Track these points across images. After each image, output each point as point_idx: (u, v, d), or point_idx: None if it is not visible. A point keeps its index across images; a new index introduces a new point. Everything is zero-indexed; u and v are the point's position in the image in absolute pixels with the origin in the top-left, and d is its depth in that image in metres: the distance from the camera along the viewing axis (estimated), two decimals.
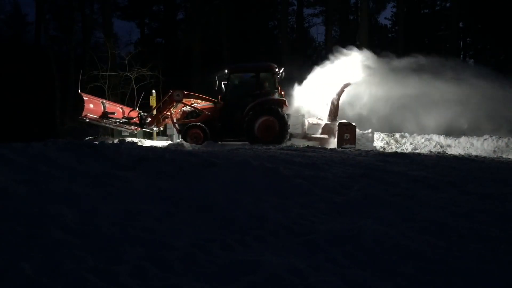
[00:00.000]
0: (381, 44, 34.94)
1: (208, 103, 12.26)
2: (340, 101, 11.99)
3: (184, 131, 11.65)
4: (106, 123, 12.05)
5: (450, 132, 13.11)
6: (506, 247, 3.15)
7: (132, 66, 16.62)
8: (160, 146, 9.72)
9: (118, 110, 12.39)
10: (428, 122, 12.90)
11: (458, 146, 12.57)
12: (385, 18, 57.51)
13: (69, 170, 4.58)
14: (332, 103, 11.95)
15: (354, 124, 11.50)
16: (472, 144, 12.46)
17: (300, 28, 31.72)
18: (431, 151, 10.54)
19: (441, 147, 12.73)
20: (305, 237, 3.21)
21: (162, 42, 31.82)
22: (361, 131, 12.28)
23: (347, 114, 12.40)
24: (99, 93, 17.37)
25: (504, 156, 10.29)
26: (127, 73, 16.66)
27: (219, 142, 11.36)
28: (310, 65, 15.05)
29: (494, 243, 3.23)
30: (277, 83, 11.80)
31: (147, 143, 10.76)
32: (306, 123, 12.25)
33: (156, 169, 4.90)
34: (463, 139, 12.83)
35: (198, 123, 11.67)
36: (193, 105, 12.22)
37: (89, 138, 12.55)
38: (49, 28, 26.73)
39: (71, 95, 22.39)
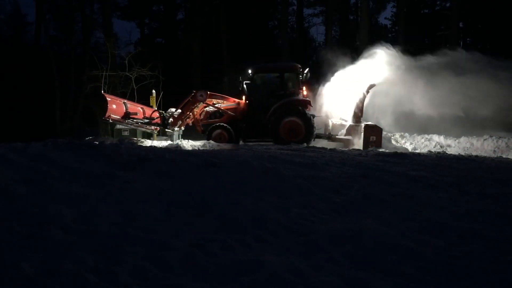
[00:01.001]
0: (381, 44, 34.96)
1: (232, 103, 12.14)
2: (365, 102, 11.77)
3: (208, 131, 11.54)
4: (128, 124, 11.93)
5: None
6: (506, 247, 3.15)
7: (132, 66, 16.61)
8: (161, 145, 9.72)
9: (139, 110, 12.26)
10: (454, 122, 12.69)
11: (458, 146, 12.54)
12: (385, 18, 57.42)
13: (69, 170, 4.58)
14: (357, 104, 11.74)
15: (379, 126, 11.28)
16: (472, 144, 12.43)
17: (300, 28, 31.73)
18: (431, 151, 10.51)
19: (441, 147, 12.70)
20: (305, 237, 3.21)
21: (162, 42, 31.82)
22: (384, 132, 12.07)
23: (371, 115, 12.22)
24: (99, 93, 17.38)
25: (504, 156, 10.28)
26: (127, 73, 16.64)
27: (242, 142, 11.33)
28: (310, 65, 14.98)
29: (494, 243, 3.23)
30: (301, 84, 11.71)
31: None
32: (330, 124, 12.16)
33: (156, 169, 4.90)
34: (463, 139, 12.79)
35: (222, 124, 11.57)
36: (216, 105, 12.08)
37: (89, 138, 12.50)
38: (49, 28, 26.69)
39: (71, 95, 22.39)
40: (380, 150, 9.66)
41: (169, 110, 12.24)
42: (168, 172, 4.80)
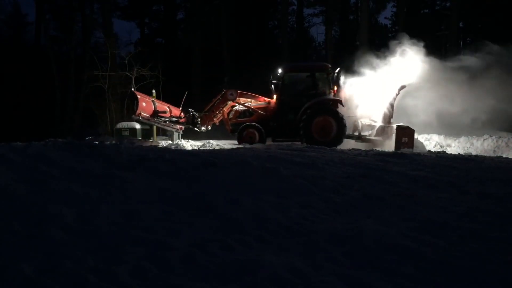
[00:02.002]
0: (381, 44, 35.00)
1: (262, 102, 12.08)
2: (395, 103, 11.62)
3: (239, 131, 11.45)
4: (156, 122, 11.86)
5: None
6: (506, 247, 3.15)
7: (132, 66, 16.61)
8: (160, 145, 9.72)
9: (166, 109, 12.18)
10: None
11: (458, 146, 12.53)
12: (385, 18, 57.49)
13: (69, 170, 4.57)
14: (388, 105, 11.61)
15: (411, 127, 11.03)
16: (472, 144, 12.42)
17: (300, 28, 31.73)
18: (431, 151, 10.50)
19: (441, 147, 12.69)
20: (305, 237, 3.21)
21: (162, 42, 31.82)
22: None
23: (400, 116, 12.05)
24: (99, 93, 17.41)
25: (504, 155, 10.27)
26: (127, 73, 16.65)
27: (272, 142, 11.26)
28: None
29: (494, 243, 3.23)
30: (332, 83, 11.67)
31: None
32: (360, 124, 12.11)
33: (156, 169, 4.89)
34: (463, 139, 12.79)
35: (253, 123, 11.49)
36: (245, 104, 12.02)
37: (89, 138, 12.48)
38: (49, 28, 26.74)
39: (71, 95, 22.40)
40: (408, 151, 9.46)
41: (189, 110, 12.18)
42: (168, 172, 4.80)
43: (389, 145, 10.77)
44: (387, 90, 11.66)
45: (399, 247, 3.04)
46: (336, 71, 11.69)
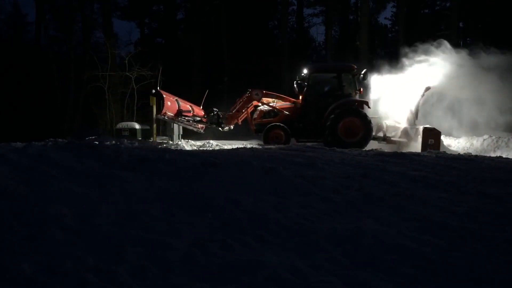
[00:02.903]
0: (381, 44, 35.02)
1: (288, 102, 12.01)
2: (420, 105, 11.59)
3: (265, 131, 11.36)
4: (179, 121, 11.80)
5: None
6: (506, 247, 3.15)
7: (132, 66, 16.61)
8: (160, 146, 9.72)
9: (189, 108, 12.11)
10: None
11: (458, 146, 12.52)
12: (385, 18, 57.44)
13: (69, 170, 4.58)
14: (413, 106, 11.59)
15: (437, 129, 11.01)
16: (472, 144, 12.41)
17: (300, 28, 31.75)
18: (431, 151, 10.50)
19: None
20: (305, 237, 3.21)
21: (162, 42, 31.81)
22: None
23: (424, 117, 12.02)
24: (99, 93, 17.42)
25: (504, 156, 10.27)
26: (127, 73, 16.65)
27: (296, 143, 11.23)
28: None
29: (494, 243, 3.23)
30: (357, 84, 11.63)
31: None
32: (384, 125, 12.04)
33: (156, 169, 4.90)
34: (463, 139, 12.78)
35: (280, 124, 11.41)
36: (270, 104, 11.94)
37: (89, 138, 12.48)
38: (49, 28, 26.75)
39: (71, 95, 22.41)
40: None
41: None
42: (168, 172, 4.80)
43: (415, 147, 10.69)
44: (412, 91, 11.60)
45: (399, 247, 3.04)
46: (362, 72, 11.62)
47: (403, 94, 11.73)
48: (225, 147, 10.34)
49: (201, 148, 10.20)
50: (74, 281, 2.32)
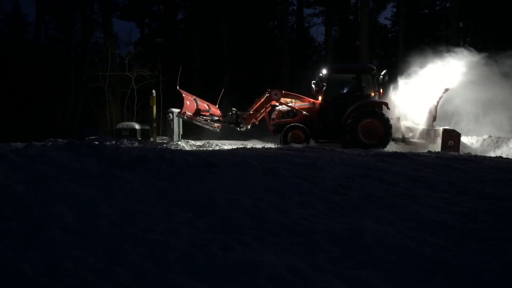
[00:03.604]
0: (381, 44, 35.02)
1: (307, 103, 11.95)
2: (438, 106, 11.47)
3: (284, 131, 11.33)
4: (197, 121, 11.74)
5: None
6: (506, 247, 3.14)
7: (132, 66, 16.61)
8: (160, 146, 9.71)
9: (206, 107, 12.05)
10: None
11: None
12: (385, 18, 57.51)
13: (69, 170, 4.58)
14: (431, 108, 11.50)
15: (457, 131, 10.98)
16: (472, 144, 12.40)
17: (300, 28, 31.74)
18: (430, 151, 10.49)
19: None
20: (305, 237, 3.21)
21: (162, 42, 31.81)
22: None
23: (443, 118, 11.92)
24: (99, 93, 17.42)
25: (504, 156, 10.26)
26: (127, 73, 16.65)
27: (315, 143, 11.21)
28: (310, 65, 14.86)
29: (494, 243, 3.22)
30: (377, 85, 11.61)
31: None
32: (402, 126, 12.00)
33: (156, 169, 4.90)
34: (463, 139, 12.76)
35: (299, 124, 11.38)
36: (289, 104, 11.89)
37: (89, 138, 12.47)
38: (49, 28, 26.73)
39: (71, 95, 22.41)
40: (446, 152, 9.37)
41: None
42: (168, 172, 4.80)
43: (433, 148, 10.63)
44: (430, 92, 11.55)
45: (399, 247, 3.04)
46: (382, 73, 11.59)
47: (422, 95, 11.69)
48: (225, 147, 10.34)
49: (201, 148, 10.20)
50: (74, 281, 2.32)
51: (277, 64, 25.55)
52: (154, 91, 13.28)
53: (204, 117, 11.71)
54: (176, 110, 12.34)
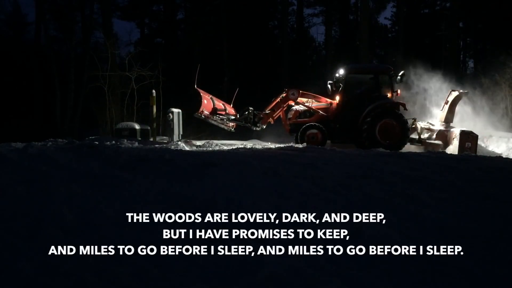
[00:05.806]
0: (381, 44, 35.03)
1: (324, 103, 11.93)
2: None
3: (301, 131, 11.26)
4: (213, 120, 11.64)
5: None
6: (506, 247, 3.14)
7: (132, 66, 16.61)
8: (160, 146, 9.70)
9: (222, 107, 11.95)
10: None
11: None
12: (385, 18, 57.63)
13: (69, 170, 4.58)
14: (448, 109, 11.55)
15: (474, 132, 10.93)
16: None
17: (300, 28, 31.76)
18: (430, 151, 10.49)
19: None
20: (305, 237, 3.21)
21: (162, 42, 31.82)
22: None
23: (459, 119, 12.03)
24: (99, 93, 17.42)
25: (504, 156, 10.27)
26: (127, 73, 16.65)
27: (331, 144, 11.18)
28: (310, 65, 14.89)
29: (494, 243, 3.22)
30: (394, 86, 11.60)
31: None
32: (419, 127, 12.03)
33: (156, 169, 4.90)
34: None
35: (317, 124, 11.32)
36: (306, 104, 11.85)
37: (89, 138, 12.47)
38: (49, 28, 26.74)
39: (71, 95, 22.42)
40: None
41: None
42: (168, 172, 4.80)
43: (451, 150, 10.64)
44: (448, 94, 11.63)
45: (399, 247, 3.04)
46: (400, 74, 11.56)
47: (439, 96, 11.77)
48: (225, 147, 10.33)
49: (201, 148, 10.19)
50: (74, 281, 2.32)
51: (277, 64, 25.56)
52: (154, 91, 13.28)
53: (220, 117, 11.64)
54: (176, 110, 12.30)
